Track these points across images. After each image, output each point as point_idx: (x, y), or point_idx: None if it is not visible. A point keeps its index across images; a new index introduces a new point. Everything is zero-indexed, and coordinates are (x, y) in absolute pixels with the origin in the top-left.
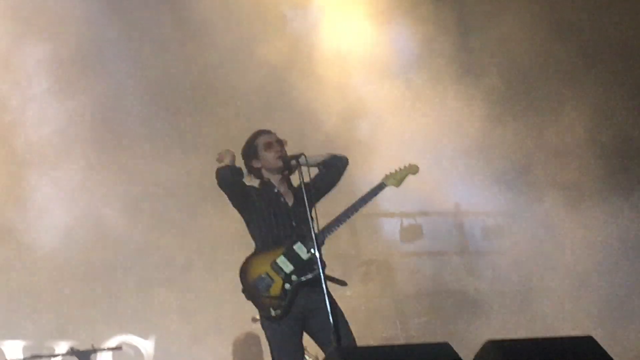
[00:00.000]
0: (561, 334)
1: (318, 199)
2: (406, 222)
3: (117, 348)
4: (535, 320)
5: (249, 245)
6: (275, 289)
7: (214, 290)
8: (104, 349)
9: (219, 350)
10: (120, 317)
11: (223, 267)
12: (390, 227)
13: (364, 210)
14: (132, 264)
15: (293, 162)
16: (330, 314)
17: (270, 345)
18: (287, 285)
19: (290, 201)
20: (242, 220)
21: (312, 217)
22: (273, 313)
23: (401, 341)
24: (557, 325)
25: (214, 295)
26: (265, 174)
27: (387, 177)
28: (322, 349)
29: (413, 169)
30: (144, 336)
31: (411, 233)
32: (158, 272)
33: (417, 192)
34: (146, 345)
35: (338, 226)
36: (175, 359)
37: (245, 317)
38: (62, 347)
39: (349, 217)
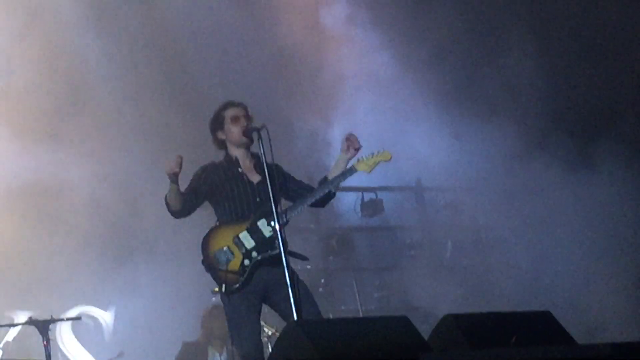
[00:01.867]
0: (520, 308)
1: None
2: (367, 196)
3: (77, 318)
4: (494, 294)
5: (214, 219)
6: (235, 264)
7: (178, 261)
8: (63, 319)
9: (181, 323)
10: (80, 288)
11: (188, 238)
12: (351, 202)
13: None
14: (94, 235)
15: (254, 134)
16: (290, 289)
17: (227, 319)
18: (247, 261)
19: (255, 178)
20: None
21: (274, 195)
22: (230, 288)
23: (360, 315)
24: (516, 300)
25: (178, 267)
26: (230, 147)
27: (358, 162)
28: (286, 322)
29: (385, 156)
30: (104, 307)
31: (372, 208)
32: (120, 243)
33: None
34: (105, 317)
35: (304, 206)
36: (135, 331)
37: (209, 289)
38: (21, 317)
39: (315, 198)
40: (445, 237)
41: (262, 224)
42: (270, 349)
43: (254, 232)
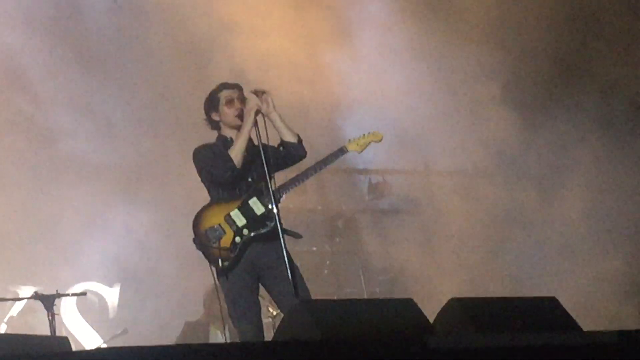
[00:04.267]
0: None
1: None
2: (374, 179)
3: (82, 294)
4: (502, 279)
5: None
6: (226, 241)
7: (182, 240)
8: (68, 295)
9: (184, 302)
10: (86, 264)
11: (190, 218)
12: (359, 184)
13: (332, 165)
14: (100, 211)
15: (255, 117)
16: (288, 268)
17: (225, 298)
18: (238, 239)
19: (247, 157)
20: None
21: (269, 174)
22: (221, 264)
23: (365, 297)
24: (524, 285)
25: (181, 246)
26: (223, 128)
27: (350, 142)
28: (277, 302)
29: (376, 136)
30: (109, 284)
31: (379, 190)
32: (124, 220)
33: (387, 150)
34: (110, 294)
35: (295, 185)
36: (139, 309)
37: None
38: (26, 291)
39: (307, 177)
40: (453, 222)
41: (253, 202)
42: (274, 329)
43: (246, 210)
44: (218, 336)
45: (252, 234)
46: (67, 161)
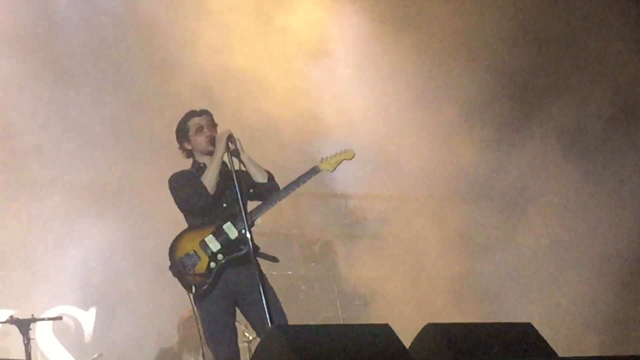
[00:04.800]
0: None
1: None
2: (351, 203)
3: (58, 318)
4: (475, 303)
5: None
6: (201, 267)
7: (159, 266)
8: (44, 319)
9: (160, 326)
10: (62, 288)
11: (168, 243)
12: (335, 208)
13: (309, 189)
14: (74, 237)
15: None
16: (262, 293)
17: (202, 323)
18: (213, 264)
19: (221, 183)
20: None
21: (242, 199)
22: (198, 290)
23: (341, 322)
24: (497, 310)
25: (158, 271)
26: (197, 155)
27: (322, 161)
28: (253, 327)
29: (348, 154)
30: (85, 307)
31: (355, 215)
32: (101, 243)
33: (362, 174)
34: (86, 317)
35: (269, 208)
36: (115, 333)
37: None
38: (1, 315)
39: (280, 199)
40: (429, 247)
41: (227, 227)
42: (250, 354)
43: (220, 235)
44: None
45: (227, 259)
46: (37, 179)
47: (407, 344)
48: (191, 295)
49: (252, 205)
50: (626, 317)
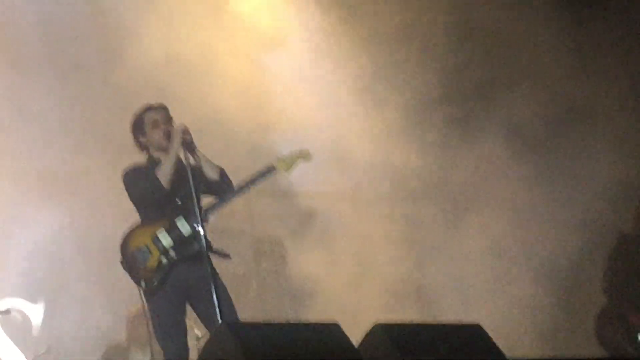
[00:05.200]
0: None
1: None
2: (301, 201)
3: (5, 312)
4: (424, 304)
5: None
6: (152, 262)
7: (108, 261)
8: None
9: (109, 321)
10: (9, 281)
11: (119, 238)
12: (286, 206)
13: (261, 188)
14: (21, 228)
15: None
16: (214, 290)
17: (152, 319)
18: (164, 259)
19: (175, 178)
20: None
21: (196, 195)
22: (149, 285)
23: (291, 320)
24: (444, 311)
25: (107, 267)
26: (152, 150)
27: (278, 160)
28: (204, 324)
29: (304, 154)
30: (33, 301)
31: (307, 214)
32: (52, 237)
33: (314, 171)
34: (34, 311)
35: (222, 206)
36: (62, 327)
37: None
38: None
39: (234, 197)
40: (377, 246)
41: (180, 222)
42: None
43: (173, 230)
44: (139, 359)
45: (178, 255)
46: None
47: (355, 342)
48: (141, 291)
49: (206, 201)
50: (566, 323)
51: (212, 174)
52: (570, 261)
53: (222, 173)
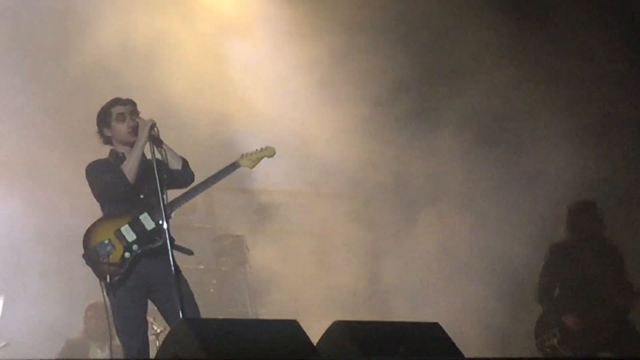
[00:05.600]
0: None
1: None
2: (263, 198)
3: None
4: (383, 302)
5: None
6: (115, 256)
7: (68, 255)
8: None
9: (68, 315)
10: None
11: (79, 232)
12: (247, 203)
13: (222, 184)
14: None
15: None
16: (175, 285)
17: (113, 314)
18: (127, 254)
19: (140, 173)
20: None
21: (161, 191)
22: (110, 280)
23: (250, 317)
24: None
25: (67, 261)
26: (116, 144)
27: (242, 157)
28: (166, 319)
29: (269, 152)
30: None
31: (268, 211)
32: (12, 231)
33: (278, 171)
34: None
35: (186, 201)
36: (21, 321)
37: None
38: None
39: (198, 192)
40: (338, 244)
41: (144, 217)
42: (158, 346)
43: (136, 225)
44: (97, 354)
45: (142, 250)
46: None
47: (314, 340)
48: (104, 285)
49: (169, 197)
50: (516, 323)
51: (174, 164)
52: (522, 260)
53: (185, 163)
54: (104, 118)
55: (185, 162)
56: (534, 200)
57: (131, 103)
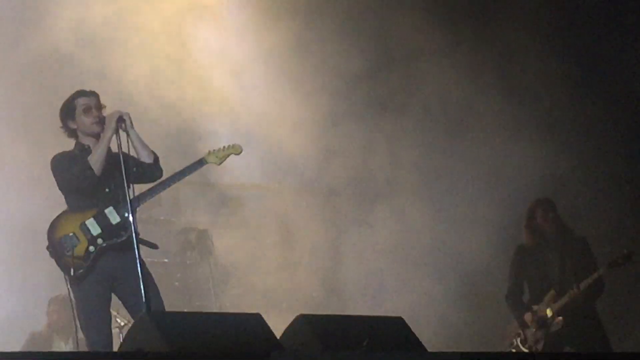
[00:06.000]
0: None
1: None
2: (229, 193)
3: None
4: (348, 296)
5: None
6: (80, 250)
7: (31, 247)
8: None
9: (30, 309)
10: None
11: (42, 225)
12: (212, 197)
13: (187, 178)
14: None
15: (117, 125)
16: (141, 279)
17: (77, 307)
18: (92, 248)
19: (106, 166)
20: None
21: (127, 183)
22: (74, 273)
23: (215, 311)
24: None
25: (31, 253)
26: (81, 136)
27: (209, 153)
28: (131, 313)
29: (236, 149)
30: None
31: (232, 205)
32: None
33: (242, 164)
34: None
35: (152, 196)
36: None
37: (63, 277)
38: None
39: (164, 188)
40: (303, 238)
41: (109, 211)
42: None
43: (101, 219)
44: (61, 347)
45: (106, 243)
46: None
47: (279, 334)
48: (67, 279)
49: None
50: (474, 318)
51: (145, 157)
52: (480, 256)
53: (156, 159)
54: (68, 110)
55: (156, 158)
56: (494, 196)
57: (95, 95)
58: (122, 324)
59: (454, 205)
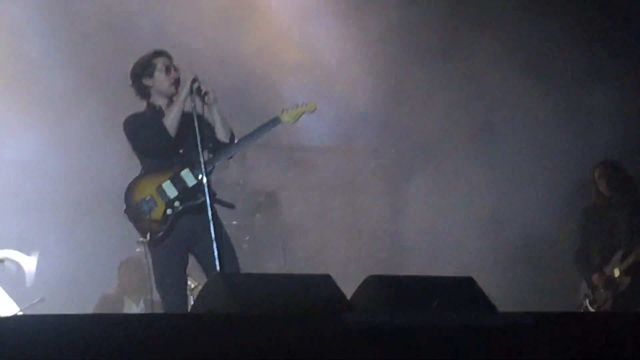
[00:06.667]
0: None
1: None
2: (297, 155)
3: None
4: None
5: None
6: (157, 213)
7: (101, 211)
8: None
9: (103, 271)
10: (4, 232)
11: (111, 189)
12: (281, 159)
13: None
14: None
15: (191, 85)
16: (214, 240)
17: (153, 269)
18: (169, 210)
19: (180, 128)
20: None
21: (201, 145)
22: (153, 236)
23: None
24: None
25: (101, 218)
26: (154, 96)
27: (282, 112)
28: (205, 273)
29: (310, 107)
30: (27, 252)
31: (301, 167)
32: (44, 190)
33: (312, 127)
34: (28, 262)
35: (226, 157)
36: (57, 279)
37: (133, 240)
38: None
39: (240, 148)
40: (371, 201)
41: (185, 173)
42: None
43: (177, 181)
44: (133, 308)
45: (183, 206)
46: None
47: (349, 296)
48: (144, 242)
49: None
50: (532, 292)
51: (222, 135)
52: (543, 219)
53: (232, 137)
54: (146, 68)
55: (232, 136)
56: (561, 158)
57: (170, 56)
58: (192, 286)
59: (518, 167)
